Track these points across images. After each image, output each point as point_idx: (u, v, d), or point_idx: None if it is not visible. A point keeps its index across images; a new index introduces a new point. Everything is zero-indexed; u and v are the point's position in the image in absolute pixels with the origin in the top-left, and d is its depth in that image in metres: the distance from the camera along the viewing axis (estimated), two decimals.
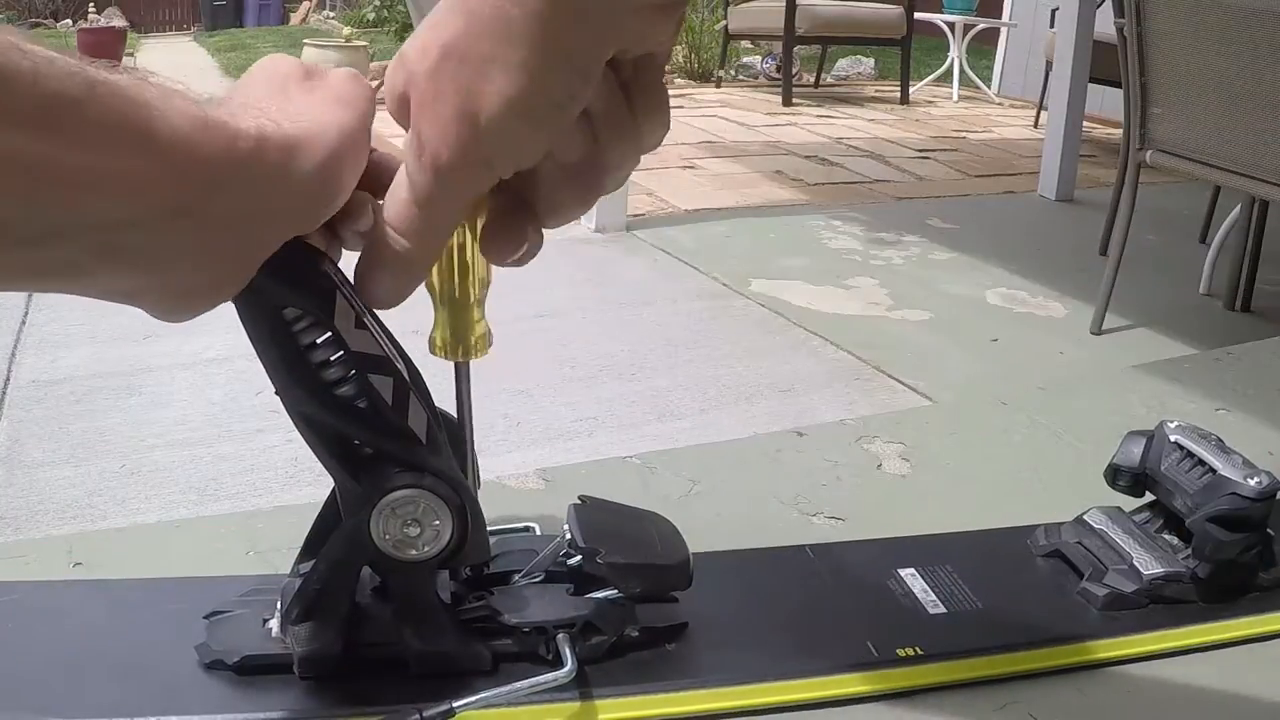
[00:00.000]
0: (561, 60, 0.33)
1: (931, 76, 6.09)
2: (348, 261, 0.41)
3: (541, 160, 0.37)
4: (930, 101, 5.66)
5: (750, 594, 0.55)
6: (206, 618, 0.48)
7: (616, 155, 0.38)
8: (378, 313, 0.42)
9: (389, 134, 0.42)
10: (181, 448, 1.55)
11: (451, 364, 0.47)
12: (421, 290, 0.42)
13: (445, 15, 0.35)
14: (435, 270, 0.44)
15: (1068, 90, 3.26)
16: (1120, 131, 2.49)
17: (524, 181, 0.38)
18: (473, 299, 0.45)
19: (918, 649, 0.51)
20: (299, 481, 1.45)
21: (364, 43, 5.10)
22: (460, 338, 0.46)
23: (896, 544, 0.62)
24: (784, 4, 4.95)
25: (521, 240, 0.40)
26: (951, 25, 5.81)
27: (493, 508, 0.47)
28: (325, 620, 0.45)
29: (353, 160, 0.38)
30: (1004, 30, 6.10)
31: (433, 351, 0.47)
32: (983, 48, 6.26)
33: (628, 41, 0.35)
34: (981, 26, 5.93)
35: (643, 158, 0.39)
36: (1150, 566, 0.56)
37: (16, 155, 0.27)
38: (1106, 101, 4.27)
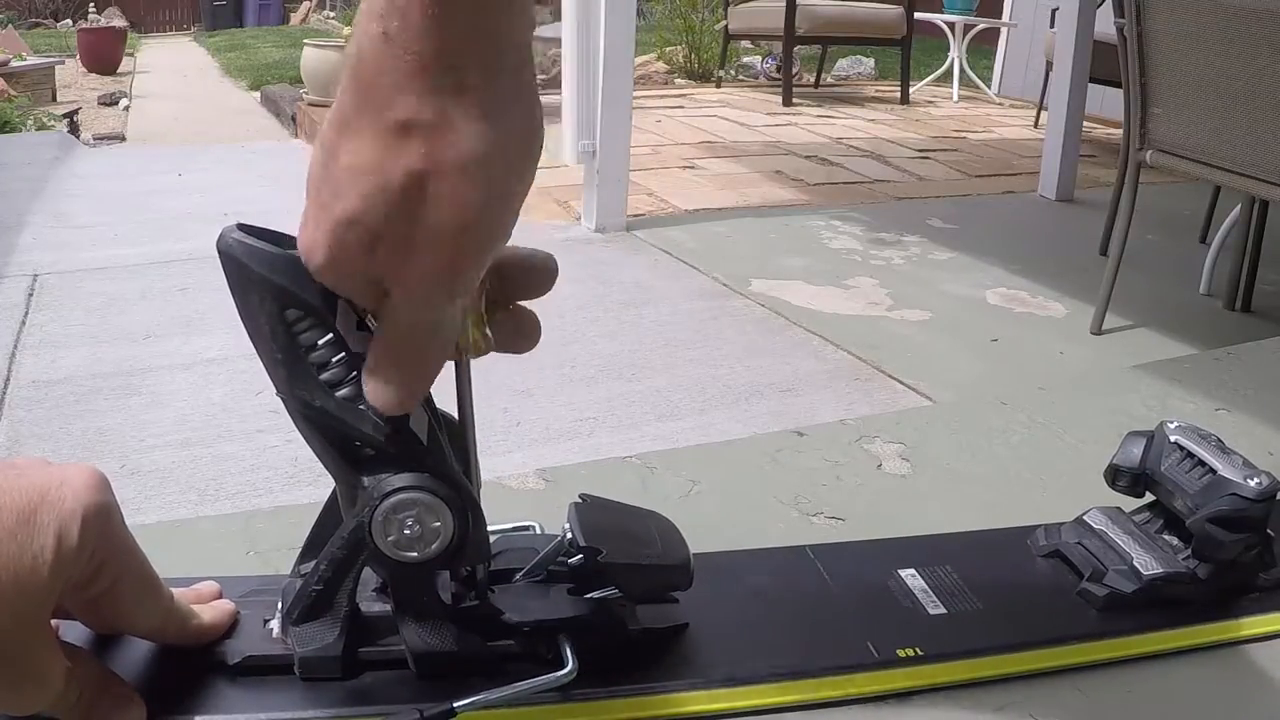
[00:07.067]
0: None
1: (931, 76, 6.09)
2: None
3: None
4: (930, 101, 5.65)
5: (751, 594, 0.55)
6: None
7: None
8: None
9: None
10: (181, 448, 1.55)
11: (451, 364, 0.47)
12: None
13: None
14: None
15: (1068, 90, 3.26)
16: (1120, 131, 2.49)
17: None
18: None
19: (917, 649, 0.51)
20: (299, 482, 1.45)
21: None
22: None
23: (896, 544, 0.62)
24: (784, 4, 4.95)
25: None
26: (951, 25, 5.81)
27: (493, 507, 0.47)
28: (326, 621, 0.45)
29: None
30: (1004, 30, 6.10)
31: None
32: (983, 48, 6.26)
33: None
34: (981, 26, 5.93)
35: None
36: (1150, 567, 0.56)
37: None
38: (1106, 101, 4.27)
